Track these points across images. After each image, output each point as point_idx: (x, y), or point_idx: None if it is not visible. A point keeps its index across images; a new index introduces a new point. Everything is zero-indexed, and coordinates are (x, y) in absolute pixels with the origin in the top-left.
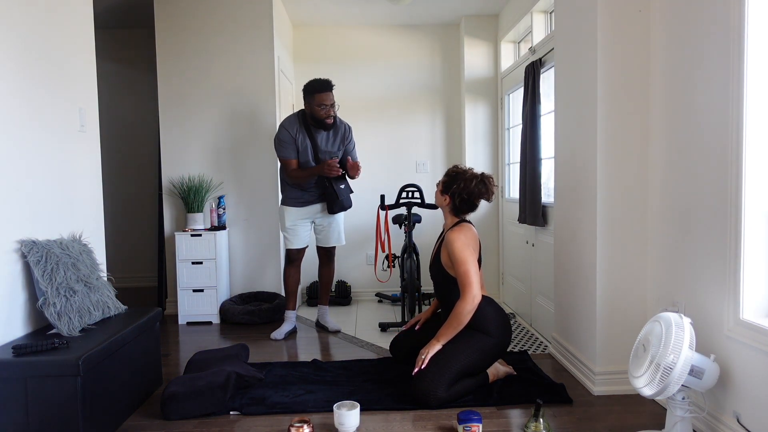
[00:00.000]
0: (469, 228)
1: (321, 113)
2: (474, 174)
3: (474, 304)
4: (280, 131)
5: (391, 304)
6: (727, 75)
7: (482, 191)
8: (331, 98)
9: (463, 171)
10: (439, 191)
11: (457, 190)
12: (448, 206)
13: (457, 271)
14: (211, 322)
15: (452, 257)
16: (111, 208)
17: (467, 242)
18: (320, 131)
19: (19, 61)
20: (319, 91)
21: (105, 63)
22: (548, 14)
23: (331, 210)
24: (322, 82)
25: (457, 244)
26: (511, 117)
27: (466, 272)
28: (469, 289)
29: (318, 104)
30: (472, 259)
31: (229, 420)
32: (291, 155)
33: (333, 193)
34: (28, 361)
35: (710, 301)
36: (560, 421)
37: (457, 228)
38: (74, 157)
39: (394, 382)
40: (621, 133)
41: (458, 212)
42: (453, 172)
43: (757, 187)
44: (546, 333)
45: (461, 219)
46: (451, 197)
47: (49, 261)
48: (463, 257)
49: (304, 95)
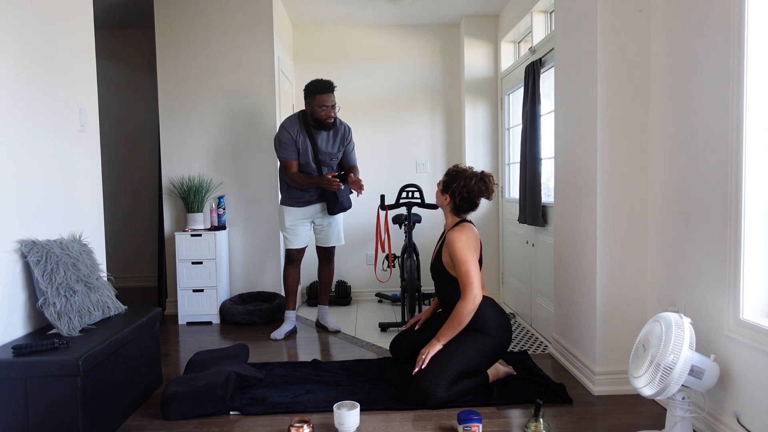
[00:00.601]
0: (470, 228)
1: (322, 114)
2: (474, 172)
3: (475, 304)
4: (281, 132)
5: (391, 304)
6: (727, 75)
7: (482, 189)
8: (332, 99)
9: (462, 170)
10: (440, 191)
11: (457, 189)
12: (449, 205)
13: (458, 271)
14: (211, 322)
15: (453, 257)
16: (111, 208)
17: (468, 242)
18: (320, 132)
19: (19, 61)
20: (320, 92)
21: (105, 63)
22: (548, 14)
23: (331, 211)
24: (323, 83)
25: (458, 244)
26: (511, 117)
27: (467, 272)
28: (469, 289)
29: (319, 105)
30: (473, 259)
31: (229, 420)
32: (292, 156)
33: (333, 194)
34: (28, 361)
35: (710, 301)
36: (560, 421)
37: (458, 228)
38: (74, 157)
39: (394, 382)
40: (621, 133)
41: (459, 211)
42: (453, 171)
43: (757, 187)
44: (546, 333)
45: (462, 219)
46: (451, 196)
47: (49, 261)
48: (464, 257)
49: (305, 96)
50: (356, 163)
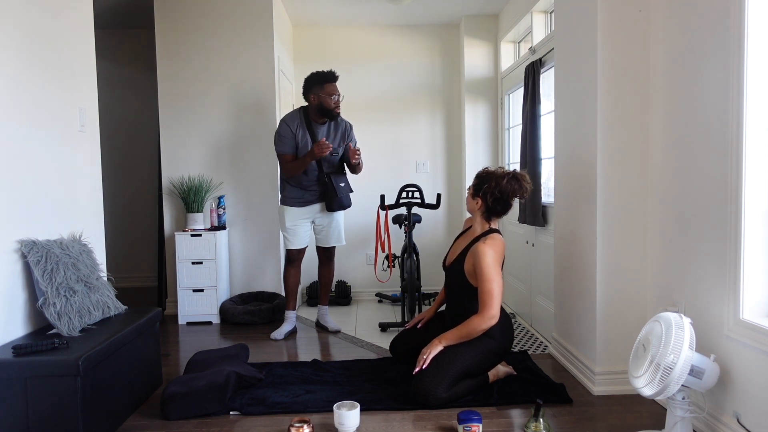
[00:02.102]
0: (500, 241)
1: (330, 103)
2: (506, 172)
3: (489, 324)
4: (281, 126)
5: (391, 304)
6: (727, 74)
7: (516, 188)
8: (338, 88)
9: (492, 171)
10: (470, 195)
11: (488, 190)
12: (481, 209)
13: (482, 287)
14: (211, 322)
15: (479, 272)
16: (111, 208)
17: (497, 259)
18: (320, 127)
19: (19, 61)
20: (328, 81)
21: (105, 63)
22: (548, 14)
23: (330, 207)
24: (328, 73)
25: (486, 259)
26: (511, 117)
27: (491, 291)
28: (488, 309)
29: (328, 94)
30: (499, 278)
31: (229, 420)
32: (287, 150)
33: (332, 189)
34: (28, 361)
35: (710, 301)
36: (560, 421)
37: (489, 240)
38: (74, 157)
39: (394, 382)
40: (621, 133)
41: (491, 214)
42: (482, 173)
43: (757, 187)
44: (546, 333)
45: (491, 228)
46: (483, 198)
47: (49, 261)
48: (490, 275)
49: (310, 87)
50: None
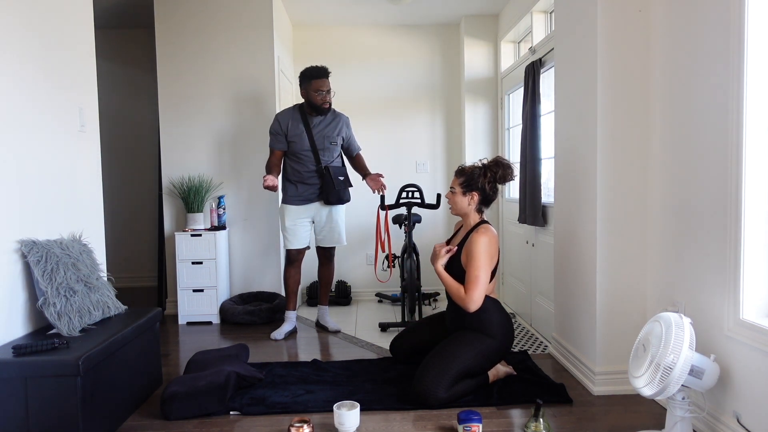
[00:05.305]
0: (493, 232)
1: (317, 99)
2: (488, 163)
3: (468, 307)
4: (273, 122)
5: (391, 304)
6: (727, 74)
7: (507, 172)
8: (328, 84)
9: (473, 166)
10: (460, 194)
11: (484, 182)
12: (475, 202)
13: (469, 272)
14: (211, 322)
15: (470, 256)
16: (111, 208)
17: (489, 250)
18: (314, 119)
19: (20, 61)
20: (316, 77)
21: (105, 63)
22: (548, 14)
23: (327, 200)
24: (318, 69)
25: (479, 247)
26: (511, 117)
27: (477, 278)
28: (470, 292)
29: (315, 90)
30: (487, 268)
31: (229, 420)
32: (275, 146)
33: (330, 182)
34: (28, 361)
35: (710, 301)
36: (560, 421)
37: (482, 230)
38: (74, 157)
39: (394, 382)
40: (621, 132)
41: (487, 203)
42: (467, 171)
43: (757, 186)
44: (546, 333)
45: (483, 220)
46: (480, 192)
47: (49, 261)
48: (480, 262)
49: (301, 82)
50: (360, 149)
